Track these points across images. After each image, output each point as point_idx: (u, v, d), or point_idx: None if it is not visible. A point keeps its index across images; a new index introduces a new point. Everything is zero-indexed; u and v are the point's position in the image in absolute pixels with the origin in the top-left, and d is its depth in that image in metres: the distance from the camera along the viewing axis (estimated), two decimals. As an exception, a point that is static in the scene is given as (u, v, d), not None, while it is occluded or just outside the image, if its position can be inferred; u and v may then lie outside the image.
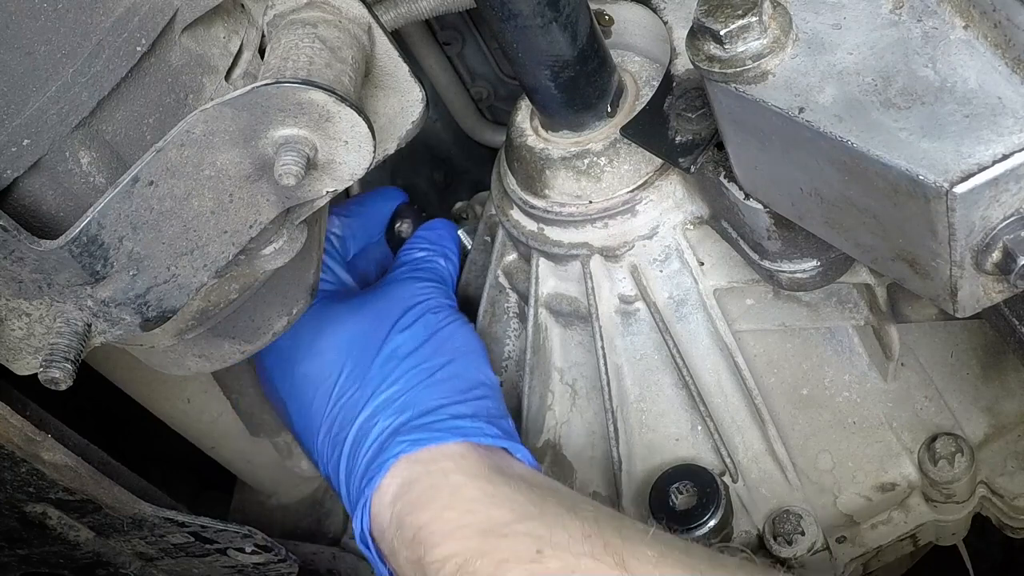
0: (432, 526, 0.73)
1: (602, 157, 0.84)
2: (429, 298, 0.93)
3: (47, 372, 0.56)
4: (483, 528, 0.72)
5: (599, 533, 0.70)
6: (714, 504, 0.80)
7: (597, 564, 0.67)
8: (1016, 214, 0.51)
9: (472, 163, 1.37)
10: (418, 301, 0.92)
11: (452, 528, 0.72)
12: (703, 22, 0.58)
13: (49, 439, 0.70)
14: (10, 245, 0.53)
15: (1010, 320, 0.65)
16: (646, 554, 0.68)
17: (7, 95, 0.52)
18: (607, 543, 0.69)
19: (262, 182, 0.60)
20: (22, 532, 0.75)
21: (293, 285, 0.76)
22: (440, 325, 0.90)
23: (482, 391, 0.85)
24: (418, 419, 0.80)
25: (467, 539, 0.71)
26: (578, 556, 0.68)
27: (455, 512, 0.73)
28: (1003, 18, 0.52)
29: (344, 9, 0.65)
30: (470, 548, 0.70)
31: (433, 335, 0.89)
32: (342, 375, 0.87)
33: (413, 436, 0.78)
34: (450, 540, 0.72)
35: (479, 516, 0.72)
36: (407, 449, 0.77)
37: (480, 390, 0.85)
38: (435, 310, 0.91)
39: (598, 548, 0.68)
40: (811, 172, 0.59)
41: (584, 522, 0.71)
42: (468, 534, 0.71)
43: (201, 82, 0.62)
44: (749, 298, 0.87)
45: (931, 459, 0.82)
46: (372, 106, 0.72)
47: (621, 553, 0.68)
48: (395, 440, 0.78)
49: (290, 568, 0.89)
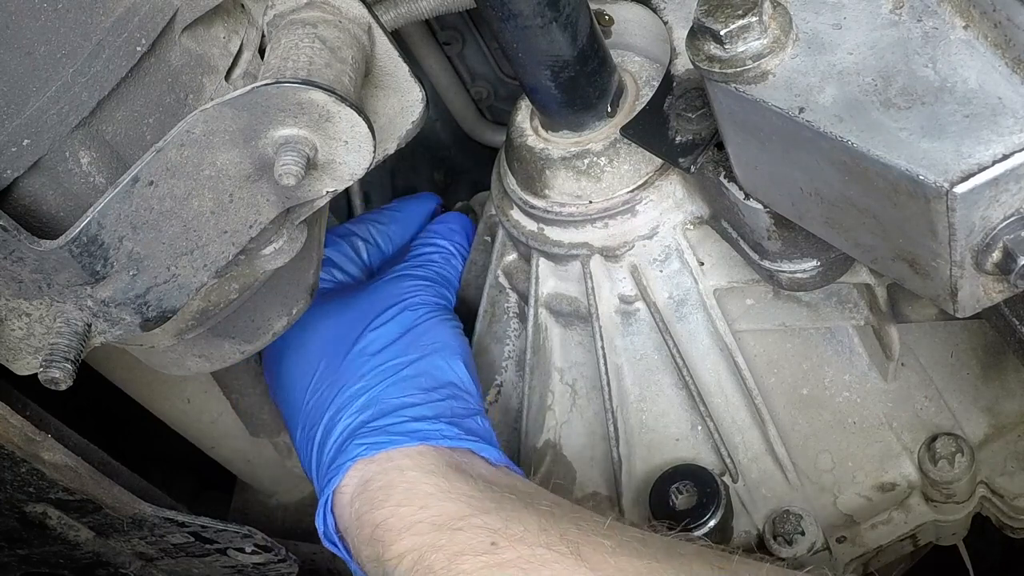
0: (388, 523, 0.73)
1: (602, 157, 0.84)
2: (413, 295, 0.92)
3: (47, 372, 0.56)
4: (438, 522, 0.71)
5: (555, 526, 0.70)
6: (714, 504, 0.80)
7: (552, 554, 0.67)
8: (1016, 214, 0.51)
9: (472, 163, 1.37)
10: (400, 299, 0.91)
11: (407, 524, 0.72)
12: (703, 22, 0.58)
13: (49, 439, 0.70)
14: (10, 245, 0.53)
15: (1010, 320, 0.65)
16: (602, 544, 0.68)
17: (7, 95, 0.52)
18: (563, 534, 0.69)
19: (262, 182, 0.60)
20: (22, 532, 0.76)
21: (293, 285, 0.76)
22: (416, 322, 0.89)
23: (449, 390, 0.84)
24: (377, 420, 0.80)
25: (422, 534, 0.71)
26: (533, 547, 0.68)
27: (410, 508, 0.73)
28: (1003, 18, 0.52)
29: (344, 9, 0.65)
30: (425, 543, 0.70)
31: (407, 332, 0.88)
32: (317, 372, 0.87)
33: (370, 439, 0.78)
34: (406, 536, 0.72)
35: (433, 511, 0.72)
36: (364, 453, 0.77)
37: (447, 389, 0.84)
38: (414, 307, 0.90)
39: (554, 539, 0.68)
40: (811, 172, 0.59)
41: (540, 516, 0.71)
42: (423, 529, 0.71)
43: (201, 82, 0.62)
44: (749, 298, 0.87)
45: (931, 459, 0.82)
46: (372, 106, 0.72)
47: (577, 542, 0.68)
48: (352, 443, 0.78)
49: (290, 568, 0.89)
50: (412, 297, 0.92)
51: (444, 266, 1.00)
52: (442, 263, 1.01)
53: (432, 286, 0.96)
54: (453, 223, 1.06)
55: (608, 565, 0.66)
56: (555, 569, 0.66)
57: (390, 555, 0.72)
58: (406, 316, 0.89)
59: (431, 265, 1.00)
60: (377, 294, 0.93)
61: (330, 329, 0.90)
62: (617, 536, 0.69)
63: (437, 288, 0.96)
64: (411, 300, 0.92)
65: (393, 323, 0.89)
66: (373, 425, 0.79)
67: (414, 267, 0.99)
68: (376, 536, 0.73)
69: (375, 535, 0.74)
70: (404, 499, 0.74)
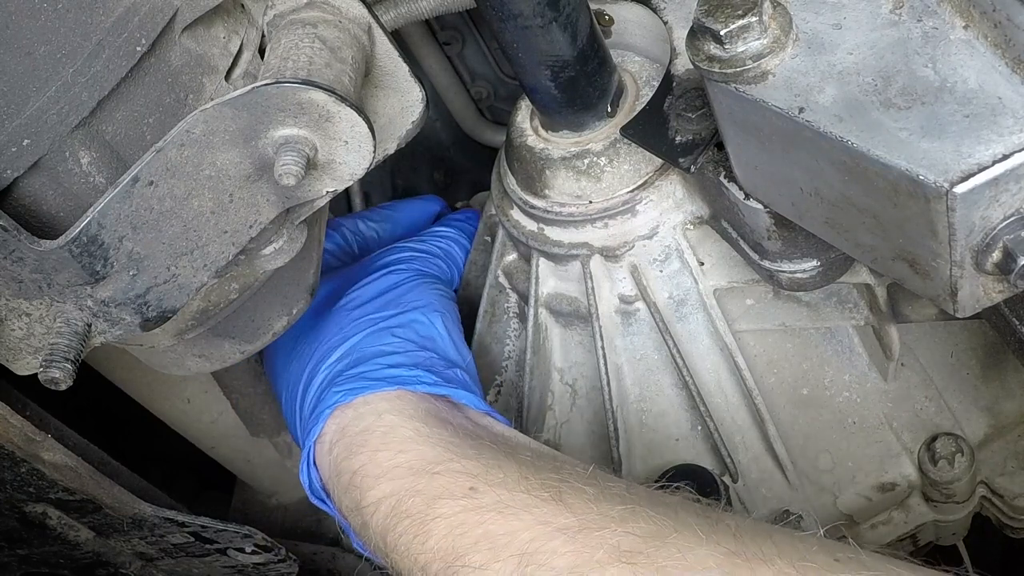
0: (366, 469, 0.71)
1: (602, 157, 0.84)
2: (401, 263, 0.92)
3: (47, 372, 0.56)
4: (416, 467, 0.70)
5: (535, 473, 0.68)
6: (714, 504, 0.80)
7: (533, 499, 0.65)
8: (1016, 214, 0.51)
9: (472, 163, 1.37)
10: (388, 266, 0.91)
11: (385, 469, 0.70)
12: (703, 22, 0.58)
13: (49, 439, 0.70)
14: (10, 245, 0.53)
15: (1010, 320, 0.65)
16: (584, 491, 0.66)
17: (7, 95, 0.52)
18: (544, 480, 0.67)
19: (262, 182, 0.60)
20: (22, 532, 0.76)
21: (293, 285, 0.76)
22: (400, 283, 0.88)
23: (430, 343, 0.83)
24: (354, 368, 0.78)
25: (399, 478, 0.69)
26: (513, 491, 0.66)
27: (388, 453, 0.71)
28: (1003, 18, 0.52)
29: (344, 9, 0.65)
30: (403, 487, 0.69)
31: (389, 290, 0.87)
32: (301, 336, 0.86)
33: (348, 386, 0.76)
34: (383, 481, 0.70)
35: (411, 455, 0.71)
36: (342, 399, 0.76)
37: (428, 342, 0.83)
38: (399, 271, 0.90)
39: (534, 485, 0.66)
40: (811, 172, 0.59)
41: (521, 464, 0.69)
42: (400, 474, 0.70)
43: (201, 82, 0.62)
44: (749, 298, 0.88)
45: (931, 459, 0.82)
46: (372, 106, 0.72)
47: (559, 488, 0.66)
48: (330, 391, 0.77)
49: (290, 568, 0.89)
50: (400, 264, 0.92)
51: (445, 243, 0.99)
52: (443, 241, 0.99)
53: (426, 256, 0.95)
54: (464, 216, 1.06)
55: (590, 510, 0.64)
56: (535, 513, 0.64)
57: (367, 501, 0.70)
58: (389, 278, 0.89)
59: (430, 239, 0.99)
60: (366, 264, 0.93)
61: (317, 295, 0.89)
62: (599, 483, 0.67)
63: (432, 259, 0.95)
64: (398, 266, 0.91)
65: (376, 283, 0.88)
66: (350, 373, 0.78)
67: (410, 240, 0.98)
68: (354, 483, 0.72)
69: (353, 482, 0.72)
70: (381, 444, 0.72)
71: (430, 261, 0.95)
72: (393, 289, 0.88)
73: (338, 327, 0.84)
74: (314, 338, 0.85)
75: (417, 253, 0.95)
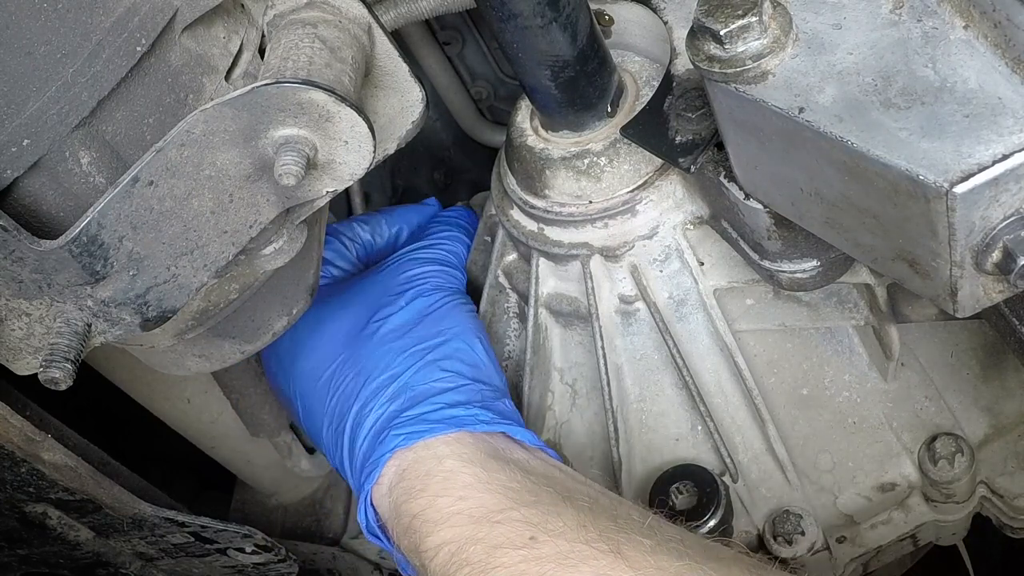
0: (426, 514, 0.72)
1: (602, 157, 0.84)
2: (424, 281, 0.91)
3: (47, 372, 0.56)
4: (476, 515, 0.70)
5: (594, 522, 0.69)
6: (714, 504, 0.80)
7: (592, 550, 0.66)
8: (1016, 214, 0.51)
9: (472, 163, 1.37)
10: (412, 284, 0.91)
11: (445, 515, 0.71)
12: (703, 22, 0.58)
13: (49, 439, 0.70)
14: (10, 245, 0.53)
15: (1010, 320, 0.65)
16: (642, 543, 0.67)
17: (7, 95, 0.52)
18: (602, 531, 0.68)
19: (262, 182, 0.60)
20: (22, 532, 0.76)
21: (293, 285, 0.76)
22: (432, 307, 0.88)
23: (477, 372, 0.83)
24: (411, 408, 0.79)
25: (460, 526, 0.70)
26: (572, 542, 0.67)
27: (448, 499, 0.72)
28: (1003, 18, 0.52)
29: (344, 9, 0.65)
30: (463, 535, 0.69)
31: (425, 317, 0.87)
32: (337, 366, 0.86)
33: (407, 429, 0.77)
34: (443, 527, 0.71)
35: (472, 503, 0.71)
36: (402, 443, 0.76)
37: (475, 371, 0.83)
38: (427, 293, 0.89)
39: (593, 535, 0.67)
40: (811, 172, 0.59)
41: (579, 511, 0.70)
42: (461, 521, 0.70)
43: (201, 82, 0.62)
44: (749, 298, 0.88)
45: (931, 459, 0.82)
46: (372, 106, 0.72)
47: (616, 540, 0.66)
48: (390, 434, 0.77)
49: (290, 568, 0.89)
50: (423, 282, 0.91)
51: (453, 247, 0.99)
52: (451, 244, 0.99)
53: (442, 269, 0.95)
54: (457, 213, 1.06)
55: (648, 564, 0.65)
56: (594, 566, 0.65)
57: (427, 546, 0.71)
58: (420, 302, 0.88)
59: (440, 246, 0.98)
60: (387, 280, 0.92)
61: (345, 320, 0.88)
62: (656, 535, 0.68)
63: (448, 271, 0.95)
64: (423, 286, 0.91)
65: (408, 308, 0.87)
66: (408, 415, 0.78)
67: (421, 249, 0.97)
68: (413, 527, 0.72)
69: (412, 525, 0.72)
70: (441, 489, 0.73)
71: (448, 274, 0.95)
72: (428, 316, 0.87)
73: (383, 362, 0.83)
74: (356, 371, 0.84)
75: (435, 266, 0.95)
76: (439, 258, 0.96)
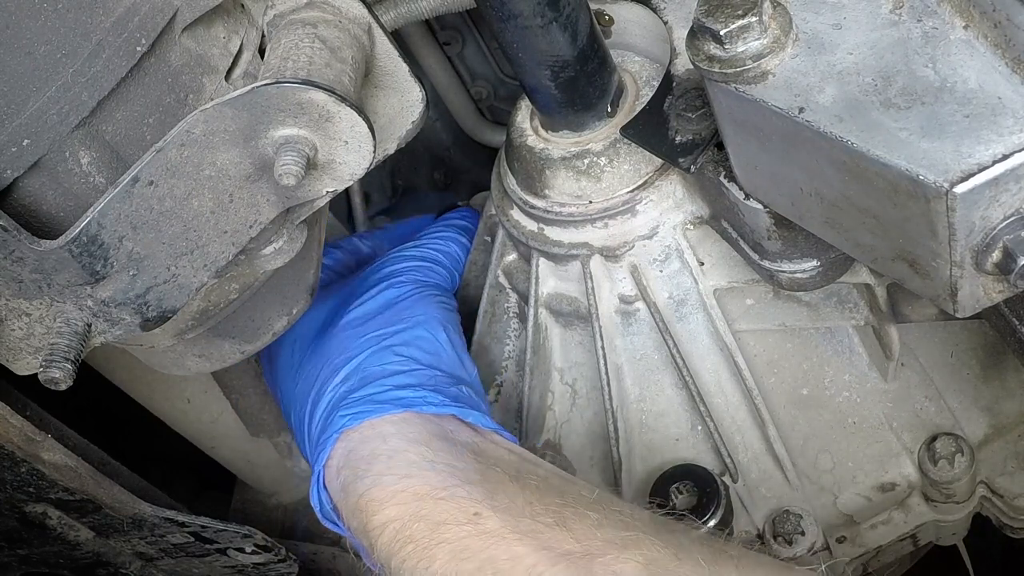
0: (371, 493, 0.72)
1: (602, 157, 0.84)
2: (400, 274, 0.91)
3: (47, 372, 0.56)
4: (420, 492, 0.70)
5: (540, 498, 0.69)
6: (714, 504, 0.80)
7: (537, 524, 0.66)
8: (1016, 214, 0.51)
9: (472, 163, 1.37)
10: (388, 277, 0.91)
11: (390, 493, 0.71)
12: (703, 22, 0.58)
13: (49, 439, 0.70)
14: (10, 245, 0.53)
15: (1010, 320, 0.65)
16: (588, 516, 0.66)
17: (7, 95, 0.53)
18: (548, 506, 0.67)
19: (262, 182, 0.60)
20: (22, 532, 0.76)
21: (293, 285, 0.76)
22: (401, 297, 0.88)
23: (435, 360, 0.83)
24: (360, 389, 0.78)
25: (404, 503, 0.70)
26: (518, 517, 0.67)
27: (393, 476, 0.72)
28: (1003, 18, 0.52)
29: (344, 9, 0.65)
30: (407, 512, 0.69)
31: (392, 306, 0.87)
32: (307, 356, 0.86)
33: (354, 409, 0.77)
34: (388, 505, 0.71)
35: (416, 480, 0.71)
36: (348, 423, 0.76)
37: (432, 358, 0.83)
38: (400, 284, 0.89)
39: (539, 510, 0.67)
40: (811, 172, 0.59)
41: (526, 488, 0.70)
42: (405, 498, 0.70)
43: (201, 82, 0.62)
44: (749, 298, 0.88)
45: (931, 459, 0.82)
46: (372, 106, 0.72)
47: (563, 514, 0.66)
48: (337, 415, 0.77)
49: (290, 568, 0.89)
50: (400, 276, 0.91)
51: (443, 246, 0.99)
52: (440, 242, 0.99)
53: (424, 265, 0.95)
54: (459, 214, 1.06)
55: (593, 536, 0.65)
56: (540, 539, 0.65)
57: (373, 525, 0.71)
58: (390, 292, 0.89)
59: (428, 244, 0.98)
60: (368, 275, 0.93)
61: (321, 312, 0.89)
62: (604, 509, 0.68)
63: (431, 267, 0.95)
64: (398, 279, 0.91)
65: (378, 298, 0.88)
66: (356, 396, 0.78)
67: (408, 247, 0.98)
68: (360, 506, 0.72)
69: (359, 505, 0.72)
70: (386, 468, 0.73)
71: (430, 270, 0.95)
72: (395, 304, 0.87)
73: (342, 346, 0.83)
74: (319, 358, 0.85)
75: (416, 262, 0.95)
76: (423, 255, 0.96)
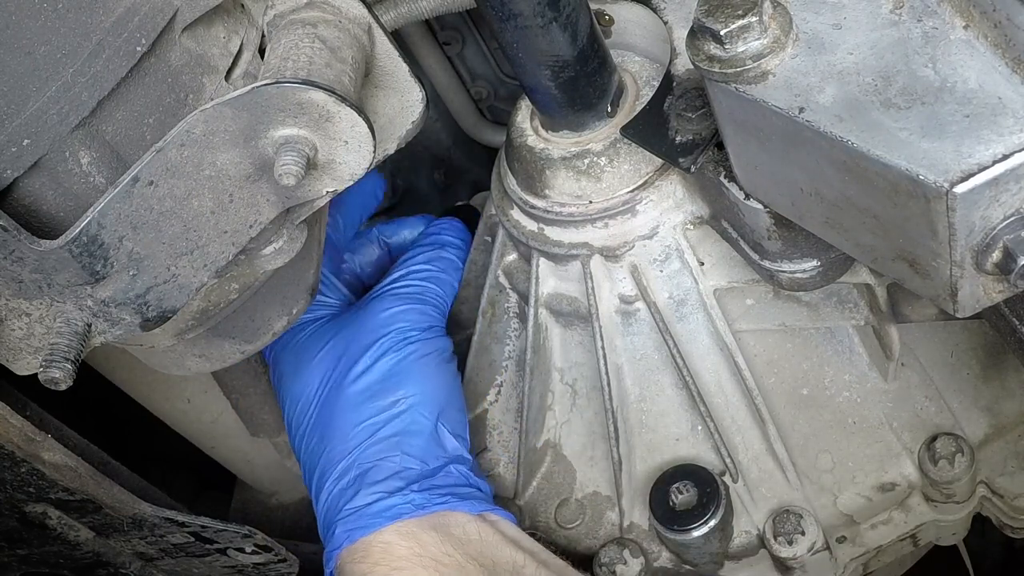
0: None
1: (602, 157, 0.84)
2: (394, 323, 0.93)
3: (47, 372, 0.56)
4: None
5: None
6: (714, 504, 0.80)
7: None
8: (1016, 214, 0.51)
9: (472, 163, 1.37)
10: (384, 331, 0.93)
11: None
12: (703, 22, 0.58)
13: (49, 439, 0.70)
14: (10, 245, 0.53)
15: (1010, 320, 0.65)
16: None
17: (7, 95, 0.53)
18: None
19: (262, 182, 0.60)
20: (22, 532, 0.75)
21: (293, 285, 0.76)
22: (398, 367, 0.91)
23: (424, 448, 0.87)
24: (354, 498, 0.83)
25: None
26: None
27: (385, 568, 0.79)
28: (1003, 18, 0.52)
29: (344, 9, 0.65)
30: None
31: (390, 377, 0.90)
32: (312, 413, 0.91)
33: (350, 526, 0.82)
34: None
35: (406, 574, 0.78)
36: (345, 541, 0.82)
37: (423, 445, 0.87)
38: (398, 347, 0.91)
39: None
40: (811, 172, 0.59)
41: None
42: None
43: (201, 82, 0.62)
44: (749, 298, 0.88)
45: (931, 459, 0.82)
46: (372, 106, 0.72)
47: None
48: (336, 530, 0.83)
49: (290, 568, 0.89)
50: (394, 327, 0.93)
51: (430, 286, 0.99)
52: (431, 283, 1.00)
53: (415, 307, 0.96)
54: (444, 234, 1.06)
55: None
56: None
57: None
58: (384, 363, 0.91)
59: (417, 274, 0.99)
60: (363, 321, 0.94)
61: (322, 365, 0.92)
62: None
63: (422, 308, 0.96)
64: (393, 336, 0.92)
65: (378, 367, 0.90)
66: (350, 506, 0.83)
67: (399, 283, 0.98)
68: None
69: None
70: (381, 558, 0.80)
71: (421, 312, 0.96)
72: (393, 376, 0.90)
73: (340, 433, 0.88)
74: (320, 434, 0.89)
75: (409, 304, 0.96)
76: (413, 293, 0.97)
